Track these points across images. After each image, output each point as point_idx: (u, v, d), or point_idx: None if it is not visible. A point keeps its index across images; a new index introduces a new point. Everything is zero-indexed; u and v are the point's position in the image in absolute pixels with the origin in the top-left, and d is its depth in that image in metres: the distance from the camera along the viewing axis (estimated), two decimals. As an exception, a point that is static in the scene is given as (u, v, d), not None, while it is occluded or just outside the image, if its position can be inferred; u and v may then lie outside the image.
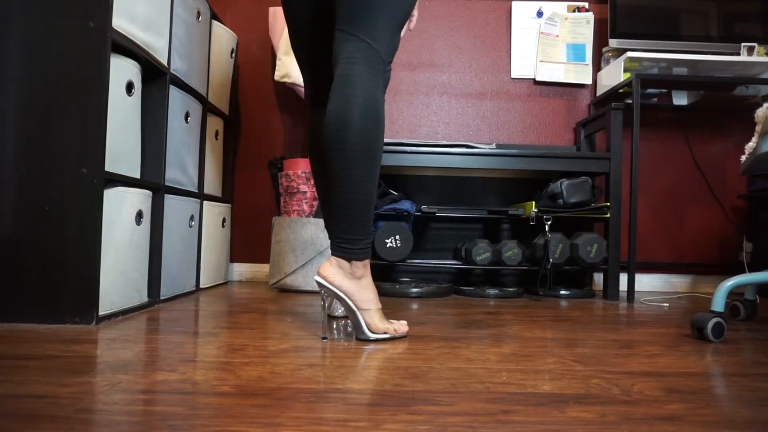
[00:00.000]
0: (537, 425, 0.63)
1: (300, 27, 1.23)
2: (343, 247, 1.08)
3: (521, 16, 2.38)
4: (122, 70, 1.31)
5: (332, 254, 1.10)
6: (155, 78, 1.54)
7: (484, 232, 2.29)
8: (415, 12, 1.33)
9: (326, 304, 1.13)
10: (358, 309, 1.09)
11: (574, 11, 2.38)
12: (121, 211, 1.31)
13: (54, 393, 0.71)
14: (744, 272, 2.32)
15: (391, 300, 1.81)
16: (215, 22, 2.02)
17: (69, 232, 1.19)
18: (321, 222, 1.96)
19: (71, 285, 1.19)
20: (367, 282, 1.11)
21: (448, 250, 2.28)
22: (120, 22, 1.28)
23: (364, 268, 1.11)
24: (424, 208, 1.96)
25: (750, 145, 1.45)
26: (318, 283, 1.09)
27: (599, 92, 2.31)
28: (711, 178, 2.42)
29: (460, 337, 1.16)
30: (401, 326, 1.15)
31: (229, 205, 2.24)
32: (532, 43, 2.38)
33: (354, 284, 1.09)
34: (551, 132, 2.40)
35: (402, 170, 2.19)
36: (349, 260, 1.09)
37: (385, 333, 1.12)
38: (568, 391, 0.78)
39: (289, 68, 2.07)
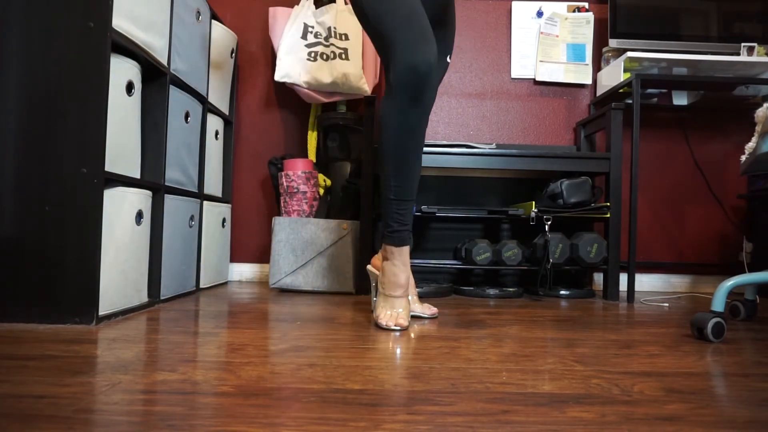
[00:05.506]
0: (537, 425, 0.63)
1: None
2: None
3: (521, 16, 2.38)
4: (122, 70, 1.31)
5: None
6: (155, 78, 1.53)
7: (484, 232, 2.29)
8: None
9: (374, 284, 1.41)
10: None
11: (574, 11, 2.38)
12: (121, 211, 1.31)
13: (54, 393, 0.71)
14: (744, 272, 2.32)
15: (391, 300, 1.80)
16: (215, 22, 2.02)
17: (69, 232, 1.19)
18: (321, 222, 1.96)
19: (71, 285, 1.19)
20: (385, 266, 1.32)
21: (448, 250, 2.28)
22: (120, 22, 1.28)
23: (384, 252, 1.33)
24: (424, 208, 1.96)
25: (750, 145, 1.45)
26: None
27: (599, 92, 2.31)
28: (711, 178, 2.42)
29: (460, 337, 1.16)
30: (390, 320, 1.26)
31: (229, 205, 2.24)
32: (532, 43, 2.38)
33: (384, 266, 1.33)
34: (551, 132, 2.40)
35: (402, 170, 2.19)
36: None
37: (377, 319, 1.27)
38: (568, 391, 0.78)
39: (289, 68, 2.07)
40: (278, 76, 2.08)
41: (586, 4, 2.38)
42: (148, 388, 0.74)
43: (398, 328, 1.24)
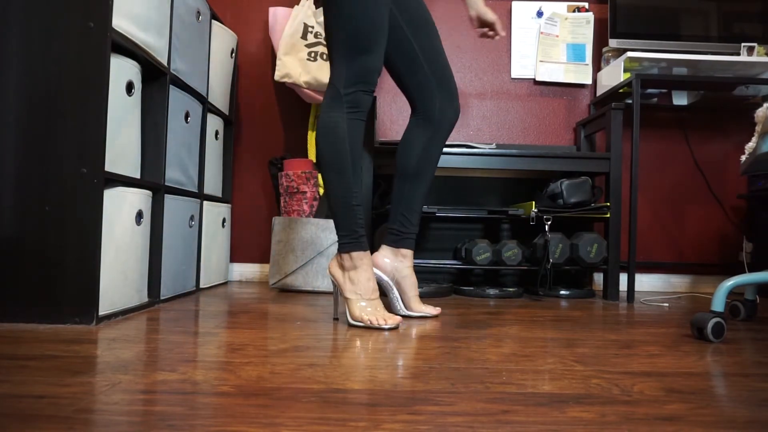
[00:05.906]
0: (537, 425, 0.63)
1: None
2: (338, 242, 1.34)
3: (521, 16, 2.38)
4: (122, 70, 1.31)
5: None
6: (155, 78, 1.53)
7: (484, 232, 2.29)
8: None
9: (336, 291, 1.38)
10: (341, 295, 1.32)
11: (574, 11, 2.38)
12: (121, 211, 1.31)
13: (54, 393, 0.71)
14: (744, 272, 2.32)
15: (391, 300, 1.81)
16: (215, 22, 2.02)
17: (69, 232, 1.19)
18: (321, 222, 1.96)
19: (71, 285, 1.19)
20: (353, 274, 1.29)
21: (448, 250, 2.28)
22: (120, 22, 1.28)
23: (350, 260, 1.30)
24: (424, 207, 1.96)
25: (750, 145, 1.45)
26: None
27: (599, 92, 2.31)
28: (711, 178, 2.42)
29: (460, 337, 1.16)
30: (381, 319, 1.25)
31: (229, 205, 2.24)
32: (532, 43, 2.38)
33: (341, 274, 1.32)
34: (551, 132, 2.40)
35: (402, 170, 2.19)
36: (338, 252, 1.32)
37: (360, 321, 1.26)
38: (568, 391, 0.78)
39: (289, 68, 2.07)
40: (278, 76, 2.08)
41: (586, 4, 2.38)
42: (148, 388, 0.74)
43: (393, 324, 1.24)
